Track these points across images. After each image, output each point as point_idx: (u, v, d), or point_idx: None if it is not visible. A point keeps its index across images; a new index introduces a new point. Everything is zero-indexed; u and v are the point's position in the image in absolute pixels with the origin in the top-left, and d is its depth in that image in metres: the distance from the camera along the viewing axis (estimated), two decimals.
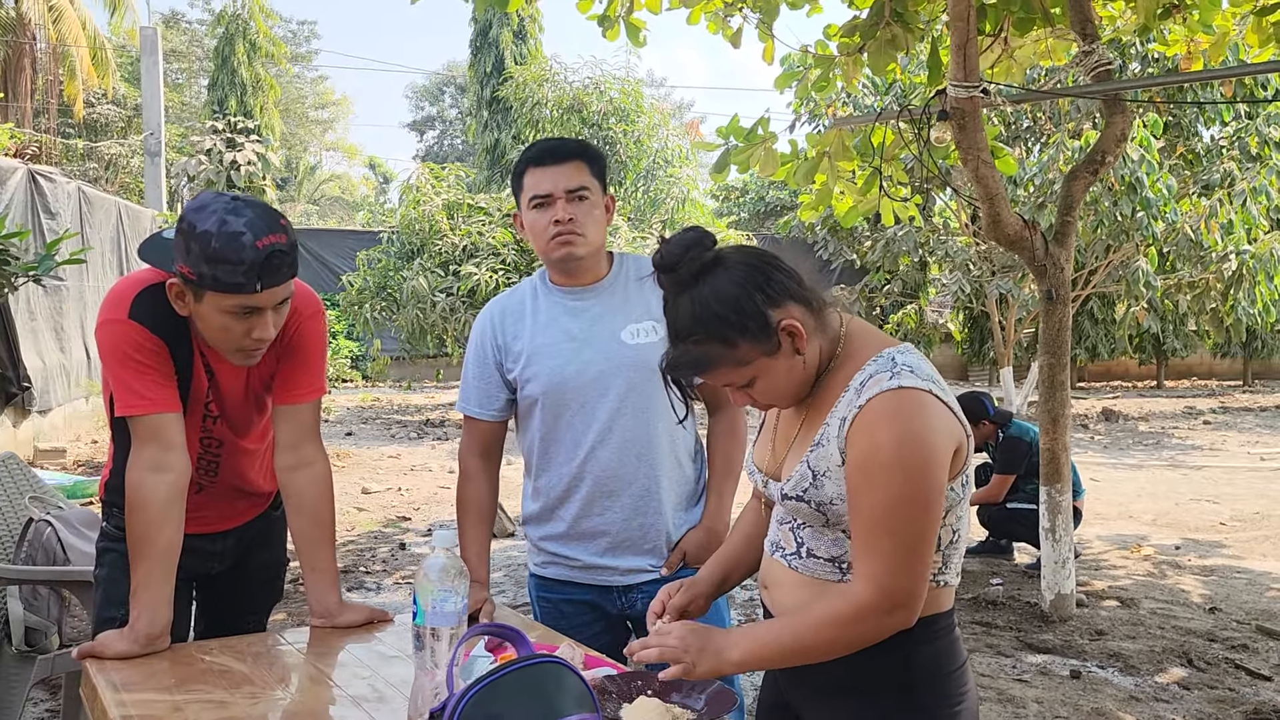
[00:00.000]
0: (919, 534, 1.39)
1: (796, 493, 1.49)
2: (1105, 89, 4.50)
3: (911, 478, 1.37)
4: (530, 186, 2.08)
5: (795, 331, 1.44)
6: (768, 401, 1.52)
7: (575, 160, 2.08)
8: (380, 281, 12.07)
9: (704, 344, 1.44)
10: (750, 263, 1.47)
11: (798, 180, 5.59)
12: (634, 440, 2.09)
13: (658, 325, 2.03)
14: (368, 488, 8.32)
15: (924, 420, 1.39)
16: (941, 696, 1.50)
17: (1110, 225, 11.01)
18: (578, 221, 2.05)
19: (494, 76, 19.83)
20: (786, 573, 1.56)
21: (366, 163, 45.18)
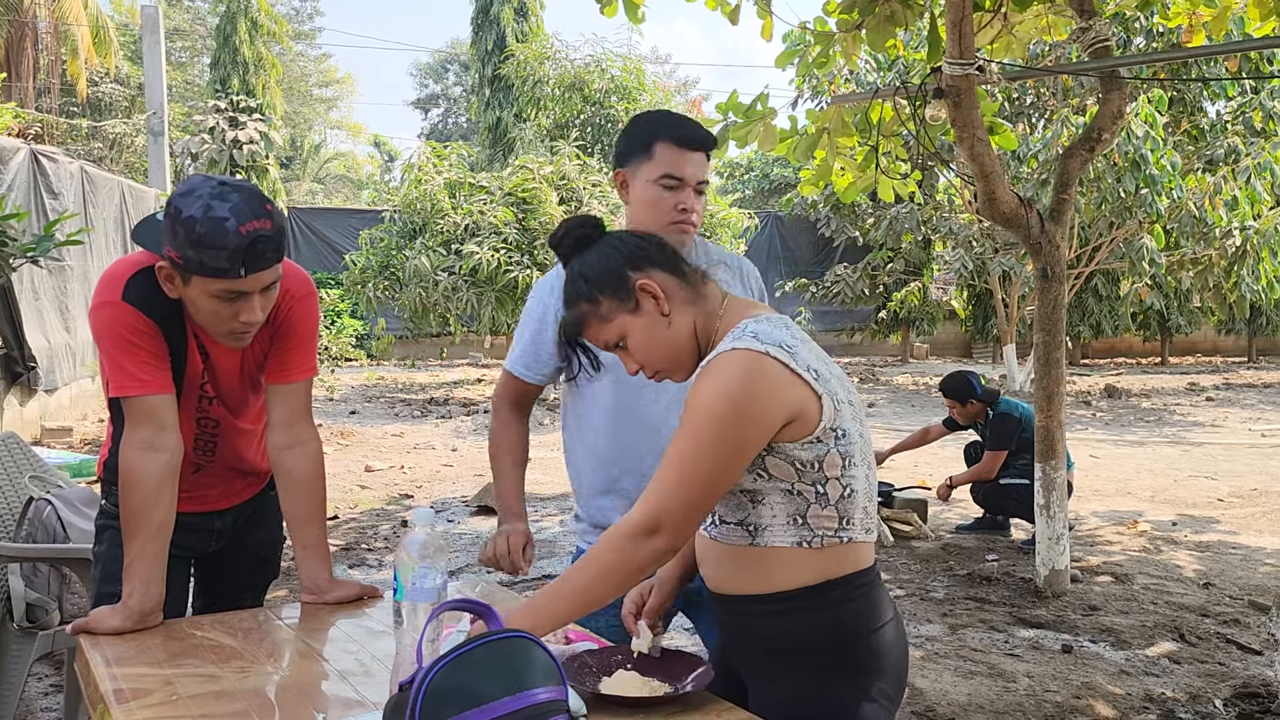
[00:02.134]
0: (702, 476, 1.46)
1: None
2: (1101, 65, 4.49)
3: (712, 423, 1.45)
4: (664, 162, 2.06)
5: (653, 291, 1.59)
6: (650, 364, 1.63)
7: (706, 151, 2.11)
8: (383, 261, 12.12)
9: (577, 303, 1.63)
10: (623, 237, 1.66)
11: (797, 156, 5.60)
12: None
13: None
14: (371, 466, 8.37)
15: (744, 378, 1.46)
16: (864, 654, 1.56)
17: (1114, 202, 10.98)
18: (696, 214, 2.09)
19: (495, 54, 19.76)
20: (710, 544, 1.63)
21: (371, 141, 45.12)
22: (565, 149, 12.68)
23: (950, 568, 5.37)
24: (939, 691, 3.65)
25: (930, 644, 4.18)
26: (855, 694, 1.54)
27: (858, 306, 18.73)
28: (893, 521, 6.11)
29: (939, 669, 3.89)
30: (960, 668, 3.90)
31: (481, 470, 8.26)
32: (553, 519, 6.57)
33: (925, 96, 4.50)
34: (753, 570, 1.56)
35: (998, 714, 3.47)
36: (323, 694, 1.62)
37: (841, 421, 1.53)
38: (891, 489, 6.41)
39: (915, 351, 21.17)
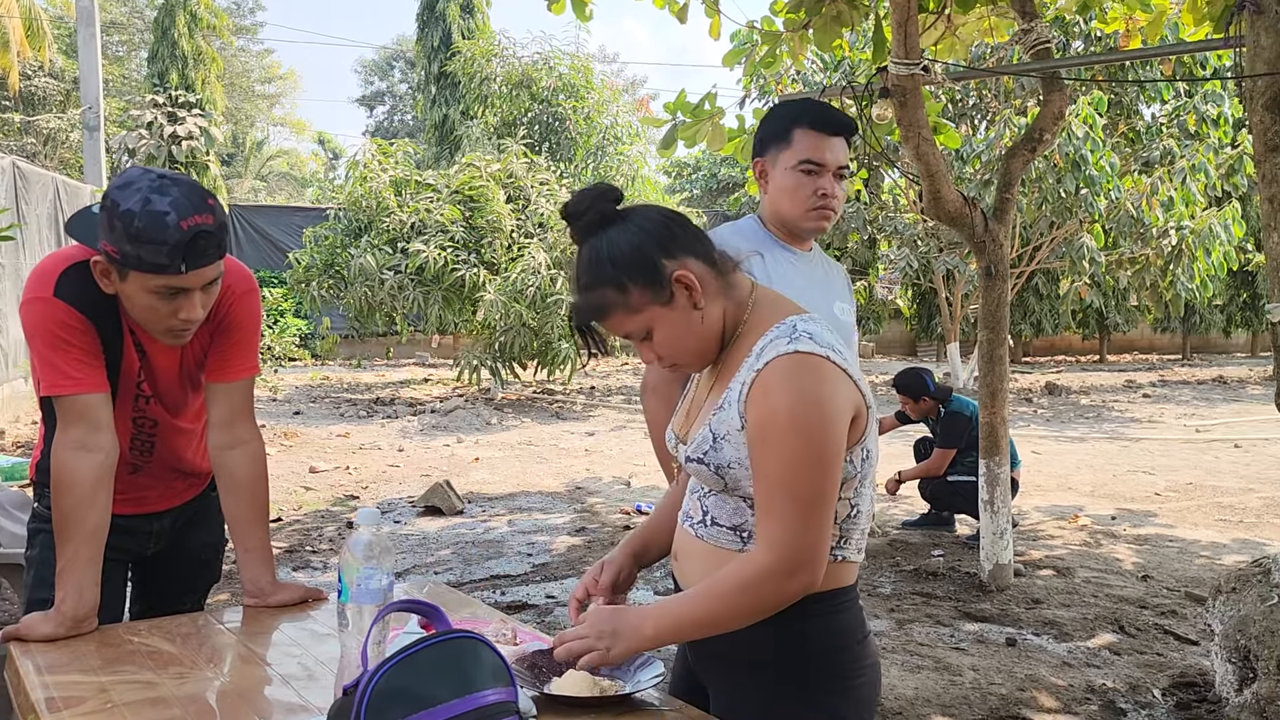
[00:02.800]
0: (817, 495, 1.40)
1: (698, 455, 1.50)
2: (1042, 66, 4.56)
3: (808, 439, 1.38)
4: (804, 148, 2.05)
5: (689, 283, 1.47)
6: (670, 357, 1.53)
7: (846, 136, 2.08)
8: (327, 259, 11.95)
9: (598, 290, 1.47)
10: (652, 217, 1.50)
11: (745, 156, 5.61)
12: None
13: (851, 305, 2.20)
14: (316, 467, 8.24)
15: (819, 384, 1.41)
16: (842, 670, 1.51)
17: (1054, 202, 11.19)
18: (837, 199, 2.07)
19: (441, 51, 19.59)
20: (694, 542, 1.57)
21: (316, 138, 44.49)
22: (513, 147, 12.61)
23: (897, 563, 5.43)
24: (887, 686, 3.68)
25: (878, 639, 4.21)
26: (828, 710, 1.50)
27: None
28: None
29: (886, 664, 3.92)
30: (907, 662, 3.93)
31: (428, 471, 8.18)
32: (501, 519, 6.52)
33: (871, 96, 4.53)
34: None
35: (944, 707, 3.51)
36: (265, 699, 1.58)
37: (868, 438, 1.50)
38: None
39: (861, 350, 21.39)
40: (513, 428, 10.90)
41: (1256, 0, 3.22)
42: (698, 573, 1.55)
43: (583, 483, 7.87)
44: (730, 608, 1.43)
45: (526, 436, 10.28)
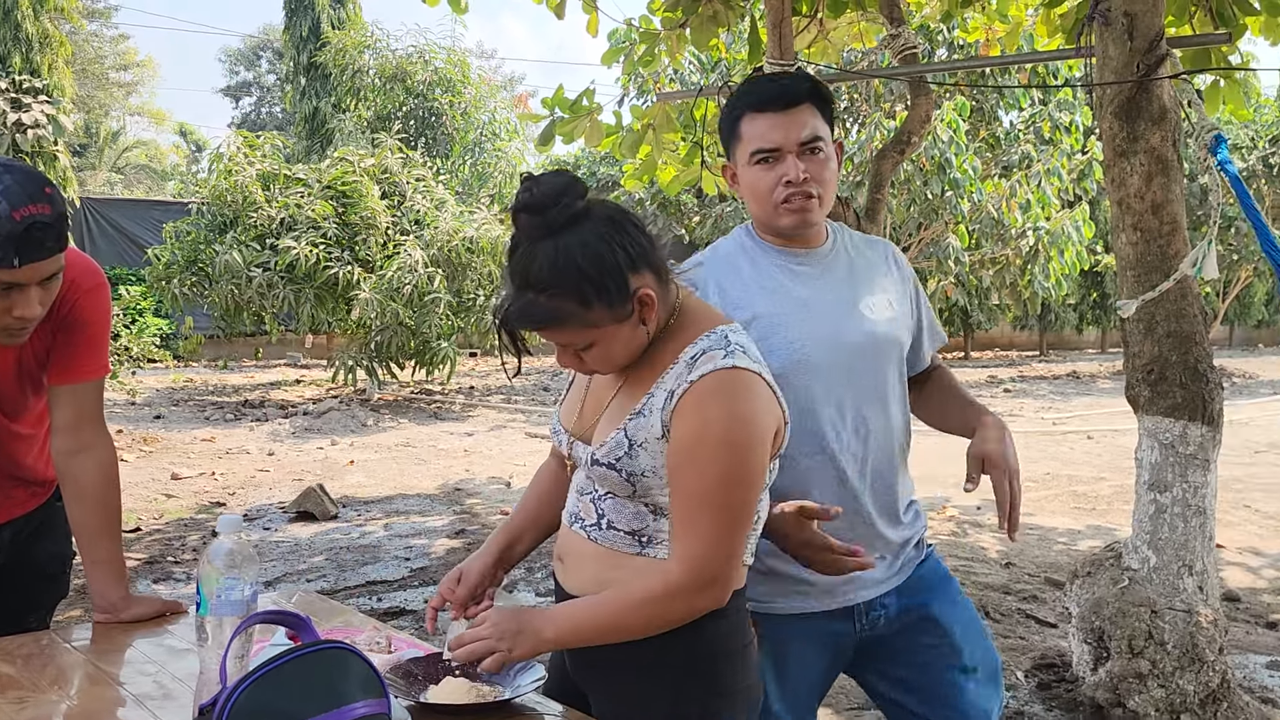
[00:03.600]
0: (739, 513, 1.40)
1: (609, 460, 1.45)
2: (910, 71, 4.70)
3: (737, 457, 1.38)
4: (750, 137, 1.72)
5: (649, 301, 1.42)
6: (597, 367, 1.48)
7: (806, 104, 1.71)
8: (190, 256, 11.44)
9: (559, 299, 1.37)
10: (616, 219, 1.41)
11: (623, 151, 5.62)
12: (879, 428, 1.77)
13: (892, 299, 1.82)
14: (178, 473, 7.87)
15: (751, 401, 1.40)
16: (730, 673, 1.50)
17: (922, 204, 11.60)
18: (813, 180, 1.70)
19: (311, 41, 18.99)
20: (585, 544, 1.53)
21: (177, 129, 42.63)
22: (387, 141, 12.32)
23: None
24: None
25: None
26: (716, 714, 1.49)
27: None
28: None
29: None
30: None
31: (300, 475, 7.91)
32: (377, 523, 6.35)
33: None
34: (631, 576, 1.47)
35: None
36: None
37: (783, 449, 1.51)
38: None
39: None
40: (390, 429, 10.65)
41: (1104, 13, 3.39)
42: (590, 576, 1.52)
43: (461, 484, 7.74)
44: (636, 618, 1.42)
45: (404, 438, 10.06)
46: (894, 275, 1.86)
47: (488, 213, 12.36)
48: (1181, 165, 3.41)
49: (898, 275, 1.87)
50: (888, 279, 1.85)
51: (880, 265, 1.85)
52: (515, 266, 1.39)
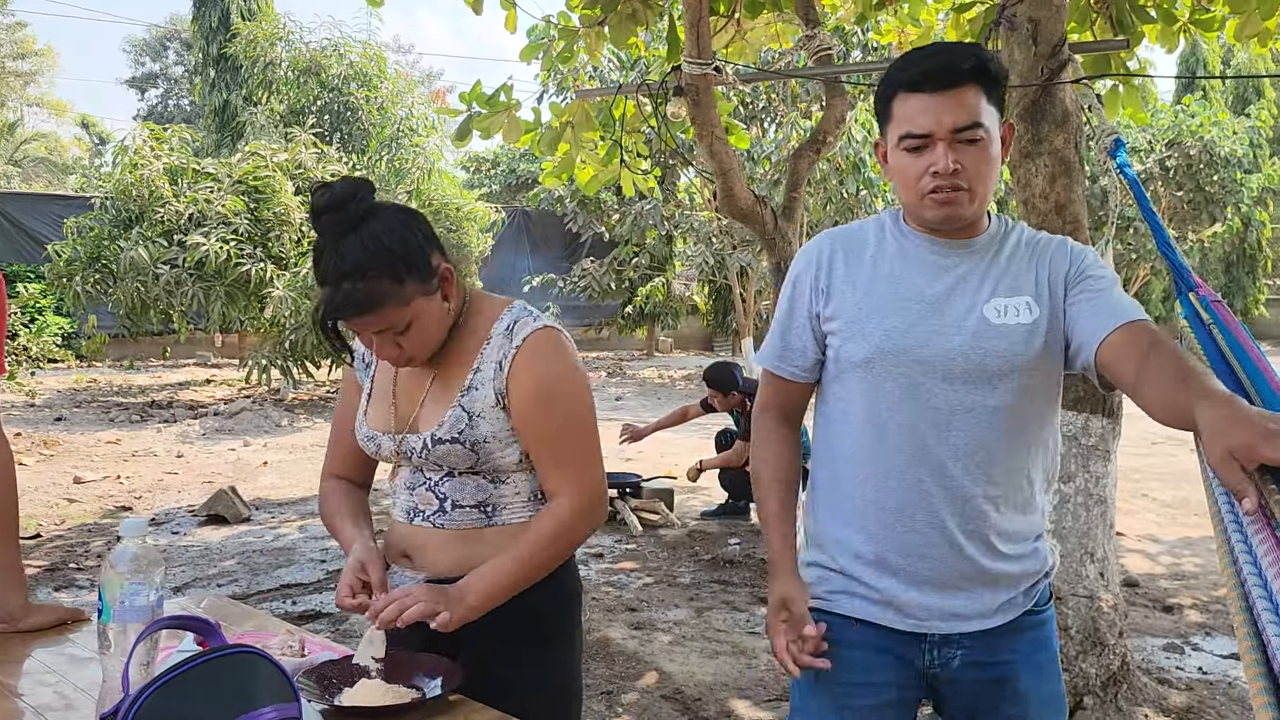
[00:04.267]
0: (595, 442, 1.64)
1: (452, 435, 1.59)
2: (824, 72, 4.78)
3: (581, 395, 1.62)
4: (901, 119, 1.53)
5: (450, 276, 1.58)
6: (414, 351, 1.58)
7: (969, 85, 1.49)
8: (93, 252, 11.03)
9: (375, 280, 1.48)
10: (406, 209, 1.58)
11: (541, 148, 5.59)
12: (978, 445, 1.55)
13: (1033, 305, 1.55)
14: (81, 477, 7.59)
15: (571, 352, 1.64)
16: (575, 614, 1.74)
17: (838, 202, 11.81)
18: (966, 172, 1.50)
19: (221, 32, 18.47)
20: (432, 534, 1.65)
21: (79, 121, 41.07)
22: (301, 136, 12.04)
23: (696, 553, 5.56)
24: (686, 674, 3.76)
25: (678, 628, 4.29)
26: (572, 654, 1.72)
27: (604, 301, 19.05)
28: (641, 511, 6.24)
29: (686, 652, 4.00)
30: (706, 649, 4.03)
31: (210, 477, 7.70)
32: (291, 525, 6.22)
33: (666, 94, 4.61)
34: (487, 548, 1.61)
35: (740, 690, 3.62)
36: None
37: None
38: (639, 479, 6.55)
39: (660, 345, 21.83)
40: (305, 429, 10.43)
41: (1010, 18, 3.49)
42: (446, 561, 1.63)
43: (378, 484, 7.61)
44: (547, 557, 1.59)
45: (319, 438, 9.86)
46: (1025, 285, 1.57)
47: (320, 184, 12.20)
48: (1083, 167, 3.54)
49: (1027, 286, 1.57)
50: (1022, 285, 1.57)
51: (1021, 274, 1.58)
52: (326, 267, 1.50)
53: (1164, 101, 20.24)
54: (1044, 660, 1.64)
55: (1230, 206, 17.22)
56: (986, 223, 1.62)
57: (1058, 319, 1.56)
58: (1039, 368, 1.55)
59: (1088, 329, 1.51)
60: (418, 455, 1.64)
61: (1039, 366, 1.55)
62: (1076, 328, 1.53)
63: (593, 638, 4.12)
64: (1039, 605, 1.64)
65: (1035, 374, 1.55)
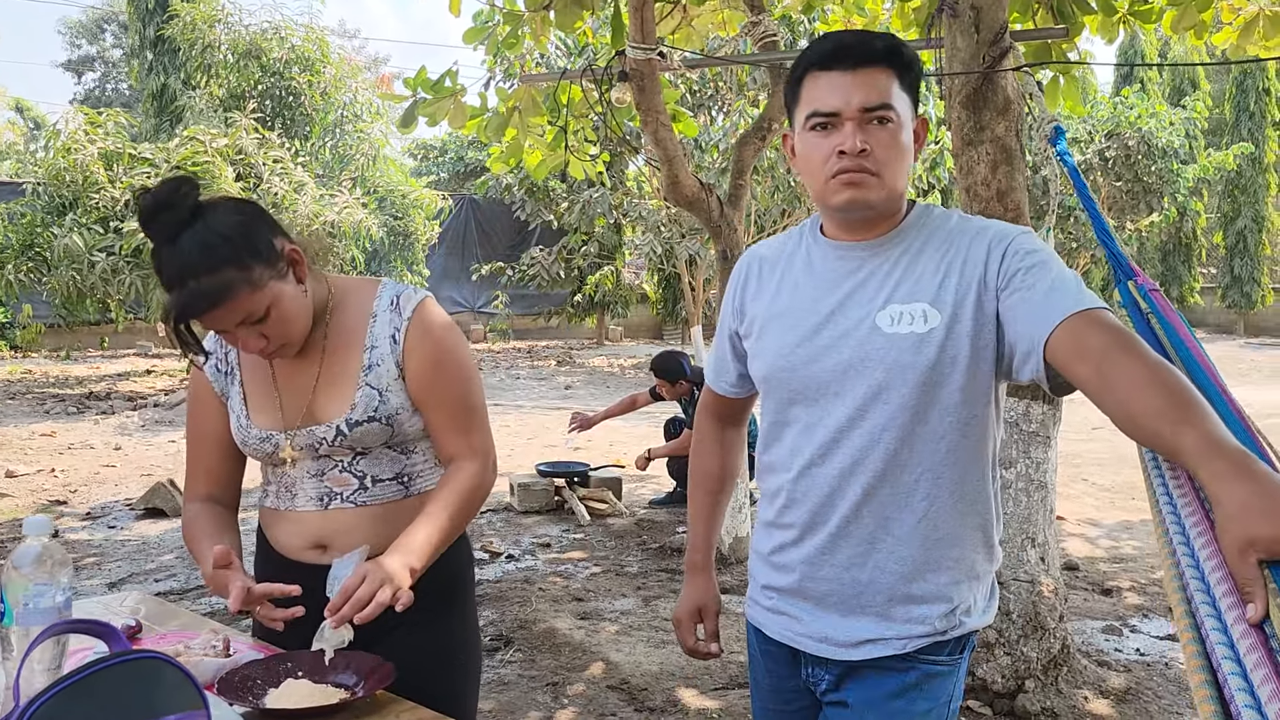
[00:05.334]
0: (483, 402, 1.72)
1: (367, 415, 1.62)
2: (770, 58, 4.76)
3: (467, 359, 1.69)
4: (809, 99, 1.43)
5: (298, 258, 1.57)
6: (280, 338, 1.56)
7: (880, 66, 1.41)
8: (25, 239, 10.71)
9: (219, 273, 1.45)
10: (242, 201, 1.56)
11: (488, 134, 5.52)
12: (866, 464, 1.45)
13: (931, 312, 1.41)
14: (13, 470, 7.37)
15: (450, 319, 1.71)
16: (471, 578, 1.84)
17: (785, 190, 11.82)
18: (874, 155, 1.40)
19: (158, 14, 17.99)
20: (352, 515, 1.65)
21: (13, 105, 39.88)
22: (241, 121, 11.78)
23: (643, 542, 5.54)
24: (633, 664, 3.74)
25: (625, 618, 4.27)
26: (470, 616, 1.81)
27: (554, 290, 18.95)
28: (589, 500, 6.21)
29: (633, 641, 3.98)
30: (652, 638, 4.01)
31: (149, 470, 7.52)
32: None
33: (610, 79, 4.56)
34: (407, 521, 1.60)
35: (687, 679, 3.61)
36: None
37: None
38: (587, 468, 6.51)
39: (610, 334, 21.78)
40: None
41: (953, 5, 3.50)
42: (369, 538, 1.61)
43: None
44: (465, 515, 1.64)
45: None
46: (927, 290, 1.43)
47: (349, 196, 11.99)
48: (1024, 156, 3.56)
49: (930, 291, 1.42)
50: (943, 285, 1.42)
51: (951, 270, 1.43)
52: (167, 270, 1.46)
53: (1103, 93, 20.60)
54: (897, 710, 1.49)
55: (1167, 197, 17.59)
56: (902, 216, 1.50)
57: (977, 326, 1.40)
58: (943, 383, 1.41)
59: (1025, 333, 1.34)
60: (328, 444, 1.63)
61: (942, 382, 1.41)
62: (1012, 334, 1.38)
63: (539, 629, 4.09)
64: (910, 657, 1.48)
65: (937, 390, 1.41)
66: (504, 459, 8.02)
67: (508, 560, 5.18)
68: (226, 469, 1.76)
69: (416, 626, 1.65)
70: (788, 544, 1.53)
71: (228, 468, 1.76)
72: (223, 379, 1.71)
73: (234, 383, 1.70)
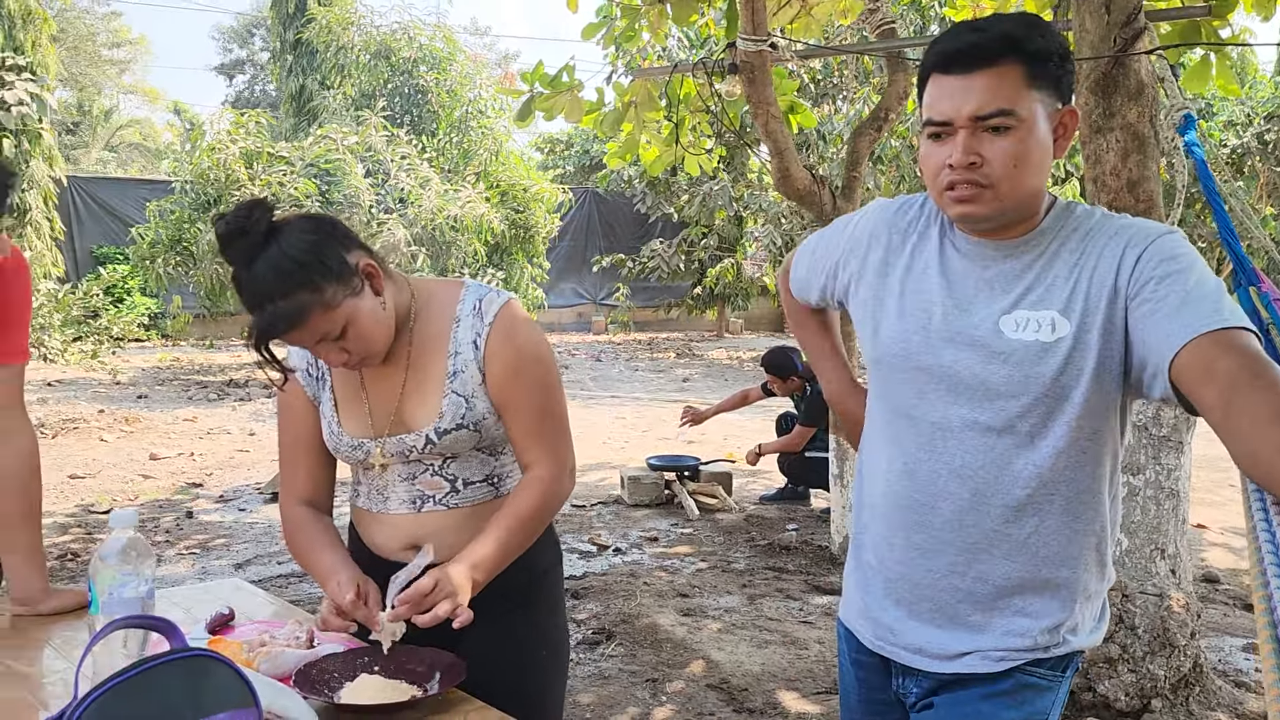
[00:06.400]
0: (565, 409, 1.70)
1: (456, 422, 1.62)
2: (885, 46, 4.62)
3: (551, 366, 1.68)
4: (926, 105, 1.36)
5: (373, 271, 1.56)
6: (361, 351, 1.56)
7: (1004, 65, 1.29)
8: (174, 234, 11.34)
9: (292, 295, 1.46)
10: (314, 217, 1.56)
11: (604, 129, 5.54)
12: (973, 470, 1.39)
13: (1060, 321, 1.33)
14: (157, 453, 7.80)
15: (534, 323, 1.70)
16: (559, 580, 1.83)
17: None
18: (988, 166, 1.31)
19: (298, 18, 18.77)
20: (445, 516, 1.67)
21: (171, 108, 42.29)
22: (371, 119, 12.18)
23: (752, 538, 5.47)
24: (734, 663, 3.69)
25: (728, 615, 4.22)
26: (558, 614, 1.81)
27: (674, 282, 18.96)
28: (698, 494, 6.18)
29: (735, 640, 3.93)
30: (755, 638, 3.95)
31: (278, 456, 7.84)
32: None
33: (722, 72, 4.50)
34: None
35: (789, 681, 3.54)
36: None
37: None
38: (698, 462, 6.48)
39: (730, 327, 21.66)
40: None
41: None
42: (461, 543, 1.61)
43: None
44: (535, 525, 1.64)
45: None
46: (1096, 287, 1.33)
47: (472, 191, 12.25)
48: (1158, 143, 3.34)
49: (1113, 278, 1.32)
50: (1074, 293, 1.34)
51: (1082, 276, 1.34)
52: (245, 295, 1.49)
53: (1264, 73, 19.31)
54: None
55: None
56: (1040, 218, 1.39)
57: (1106, 338, 1.32)
58: (1065, 395, 1.33)
59: (1152, 350, 1.25)
60: (418, 451, 1.64)
61: (1064, 394, 1.33)
62: (1140, 349, 1.29)
63: (642, 623, 4.08)
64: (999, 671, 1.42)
65: (1058, 402, 1.34)
66: (617, 451, 8.07)
67: (614, 553, 5.19)
68: (323, 473, 1.78)
69: (495, 625, 1.65)
70: (883, 546, 1.49)
71: (324, 472, 1.78)
72: (314, 384, 1.73)
73: (325, 389, 1.72)
